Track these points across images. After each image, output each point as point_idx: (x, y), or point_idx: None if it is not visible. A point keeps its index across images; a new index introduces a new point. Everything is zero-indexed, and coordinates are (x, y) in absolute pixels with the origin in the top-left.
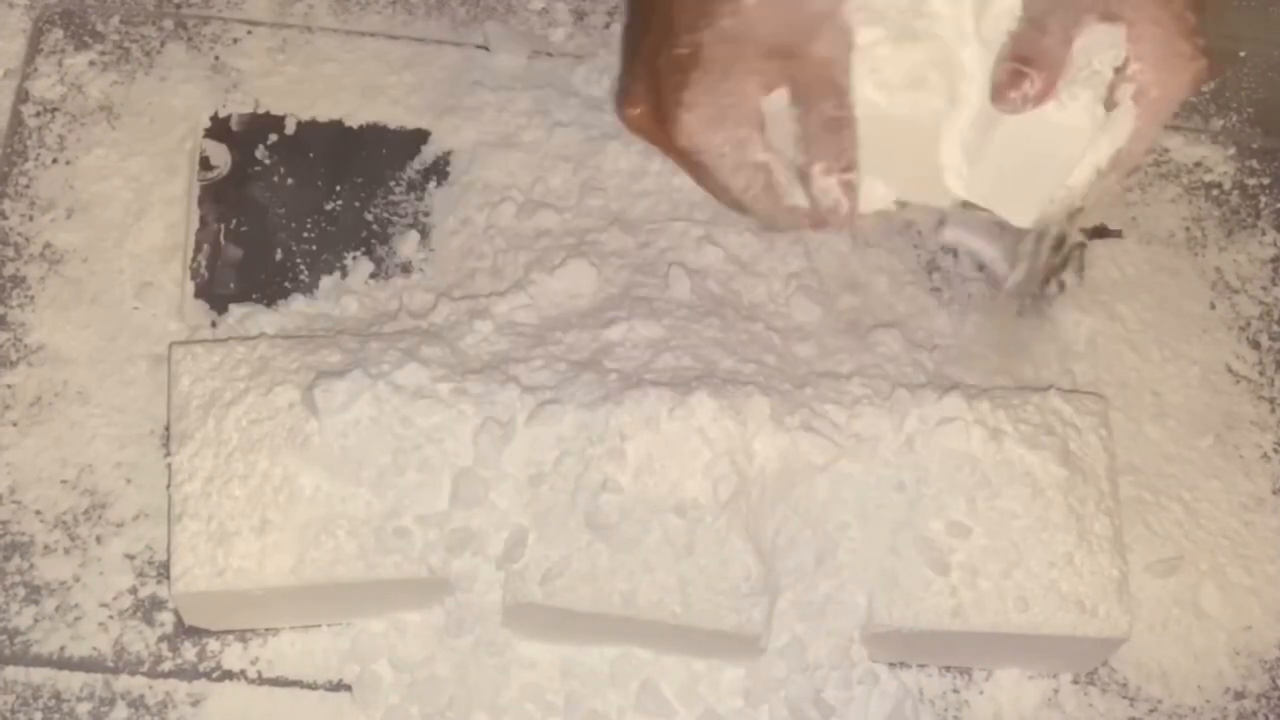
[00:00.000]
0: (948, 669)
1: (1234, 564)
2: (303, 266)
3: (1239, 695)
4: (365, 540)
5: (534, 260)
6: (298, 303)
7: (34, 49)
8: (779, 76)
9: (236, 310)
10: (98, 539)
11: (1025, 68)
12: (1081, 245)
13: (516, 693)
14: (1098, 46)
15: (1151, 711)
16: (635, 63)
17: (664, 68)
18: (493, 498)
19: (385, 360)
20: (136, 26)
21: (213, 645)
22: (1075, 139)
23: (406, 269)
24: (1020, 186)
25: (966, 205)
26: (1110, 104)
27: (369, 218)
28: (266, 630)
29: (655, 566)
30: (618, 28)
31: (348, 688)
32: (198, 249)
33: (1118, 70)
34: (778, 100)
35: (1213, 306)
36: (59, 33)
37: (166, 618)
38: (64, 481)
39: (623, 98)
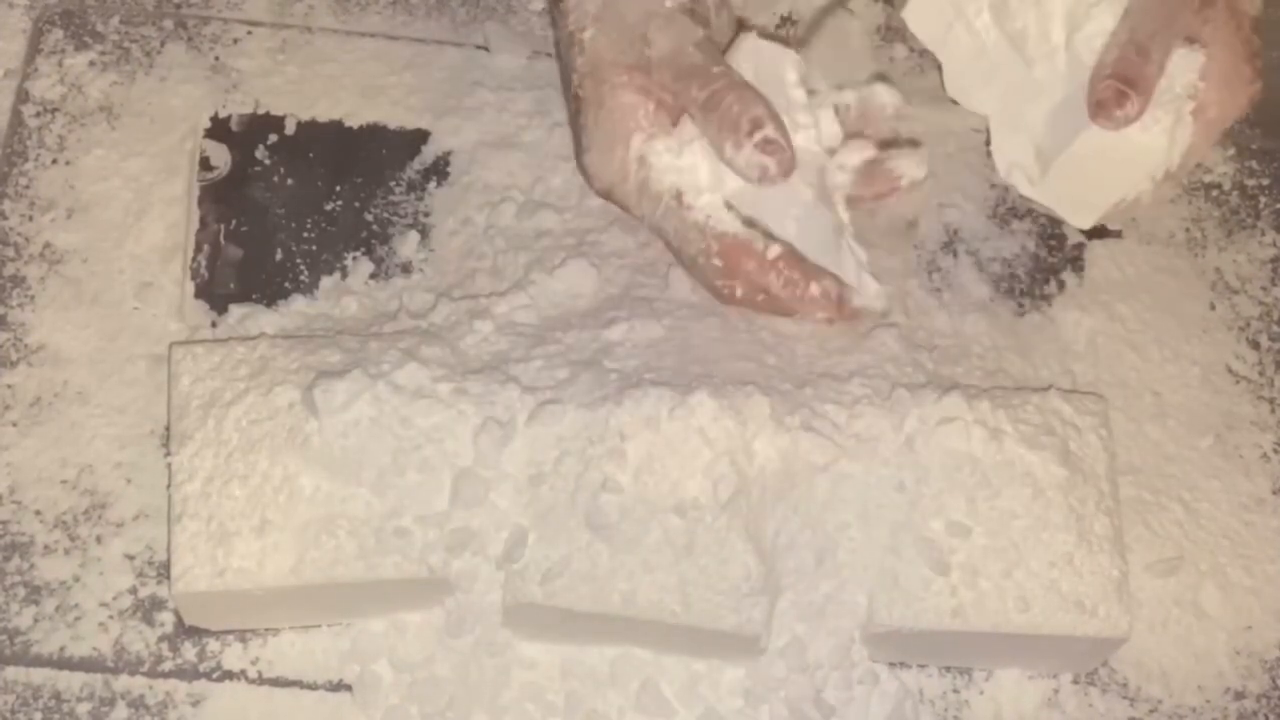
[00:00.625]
0: (948, 669)
1: (1234, 564)
2: (303, 266)
3: (1239, 695)
4: (365, 540)
5: (534, 260)
6: (298, 303)
7: (34, 49)
8: (644, 87)
9: (236, 310)
10: (98, 539)
11: (1128, 88)
12: (1080, 245)
13: (516, 693)
14: (1180, 70)
15: (1151, 711)
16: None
17: (572, 127)
18: (493, 498)
19: (385, 360)
20: (136, 26)
21: (213, 645)
22: (1151, 157)
23: (406, 269)
24: (1089, 193)
25: (1023, 199)
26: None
27: (369, 218)
28: (266, 630)
29: (655, 566)
30: None
31: (348, 688)
32: (198, 249)
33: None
34: (674, 125)
35: (1213, 306)
36: (59, 33)
37: (166, 618)
38: (64, 481)
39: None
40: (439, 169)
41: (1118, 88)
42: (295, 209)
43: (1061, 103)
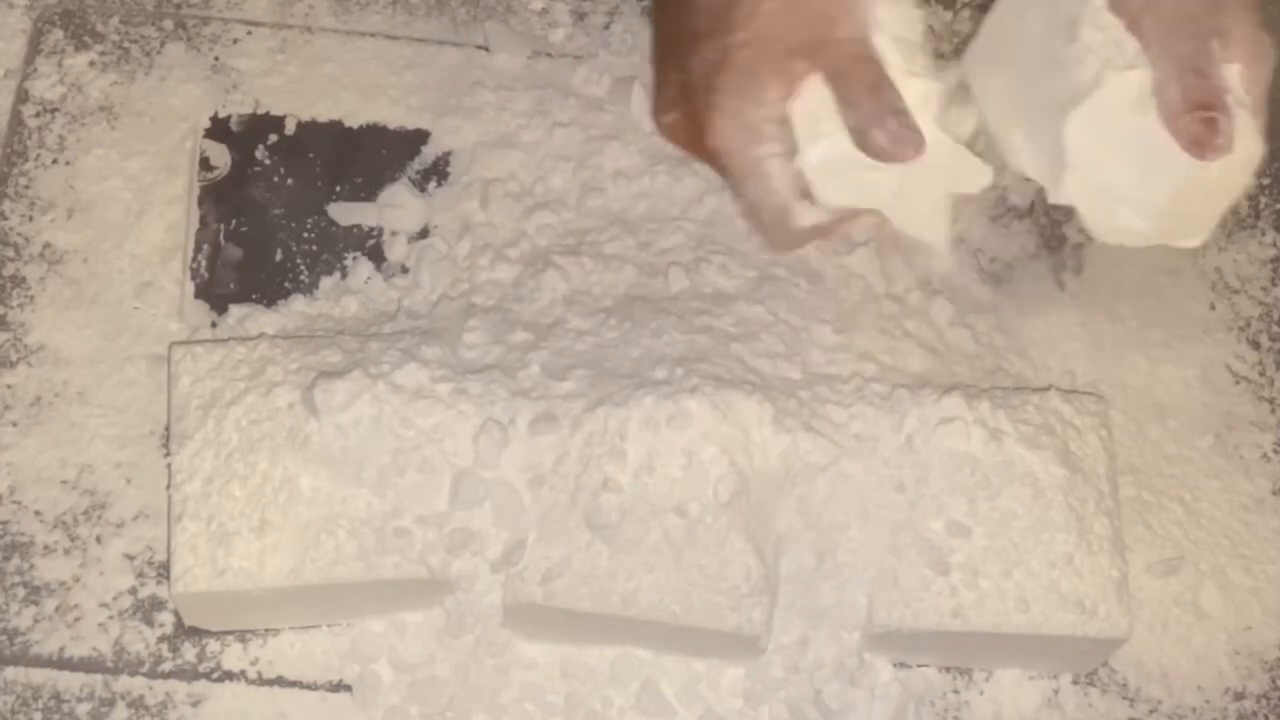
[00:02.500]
0: (948, 669)
1: (1234, 564)
2: (303, 266)
3: (1239, 695)
4: (365, 541)
5: (534, 260)
6: (298, 303)
7: (34, 49)
8: (807, 70)
9: (236, 310)
10: (98, 539)
11: (1211, 113)
12: (1080, 245)
13: (516, 693)
14: (1232, 77)
15: (1151, 712)
16: (666, 69)
17: (694, 72)
18: (492, 499)
19: (385, 360)
20: (136, 26)
21: (213, 645)
22: (1244, 155)
23: (406, 269)
24: (1199, 216)
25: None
26: None
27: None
28: (266, 630)
29: (655, 566)
30: (618, 28)
31: (348, 688)
32: (198, 249)
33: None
34: (813, 87)
35: (1213, 307)
36: (59, 33)
37: (166, 618)
38: (64, 481)
39: (657, 105)
40: (439, 169)
41: (1203, 118)
42: (295, 209)
43: (1137, 149)
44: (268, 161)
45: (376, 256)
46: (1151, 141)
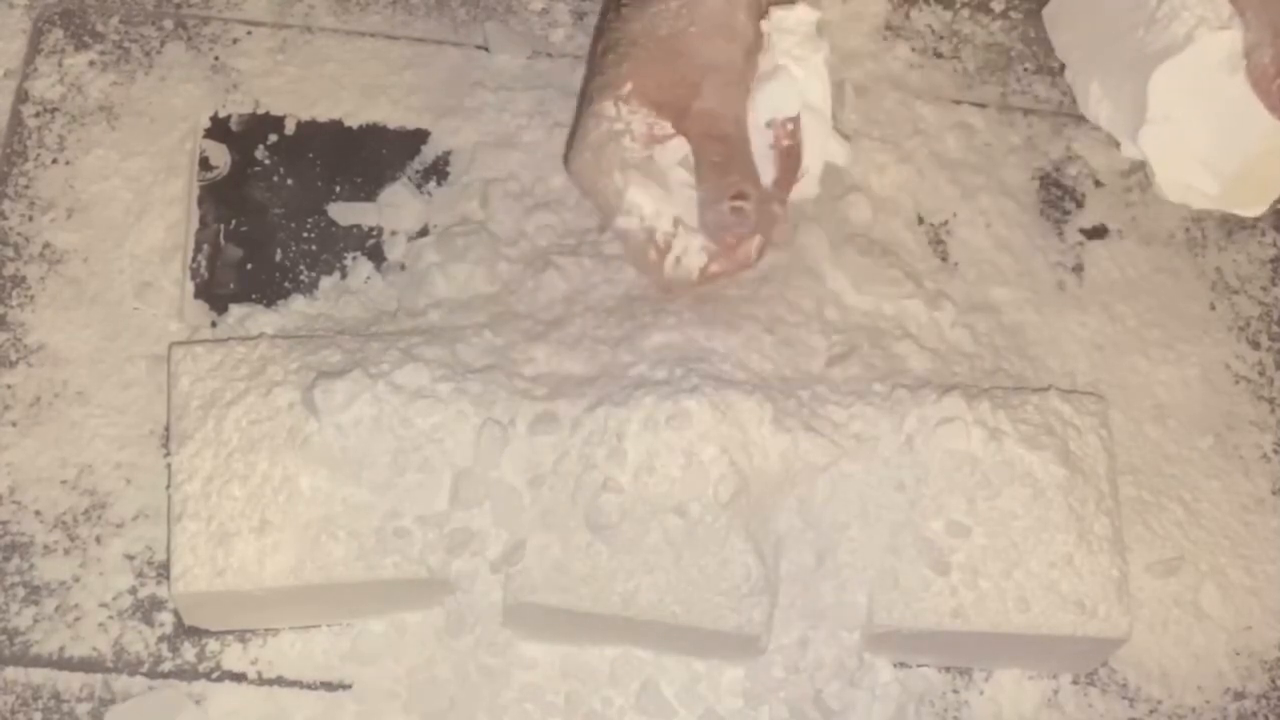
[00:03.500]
0: (948, 669)
1: (1234, 564)
2: (303, 266)
3: (1239, 695)
4: (365, 541)
5: (534, 260)
6: (298, 303)
7: (34, 49)
8: (670, 128)
9: (236, 310)
10: (98, 539)
11: None
12: (1080, 245)
13: (516, 693)
14: None
15: (1151, 712)
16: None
17: (581, 121)
18: (492, 499)
19: (385, 360)
20: (136, 26)
21: (213, 645)
22: None
23: (406, 269)
24: (1268, 185)
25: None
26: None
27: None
28: (266, 630)
29: (655, 567)
30: None
31: (348, 688)
32: (198, 249)
33: None
34: (675, 150)
35: (1213, 307)
36: (59, 33)
37: (166, 618)
38: (64, 481)
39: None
40: (439, 169)
41: None
42: (295, 209)
43: (1220, 110)
44: (268, 161)
45: (376, 256)
46: (1235, 103)
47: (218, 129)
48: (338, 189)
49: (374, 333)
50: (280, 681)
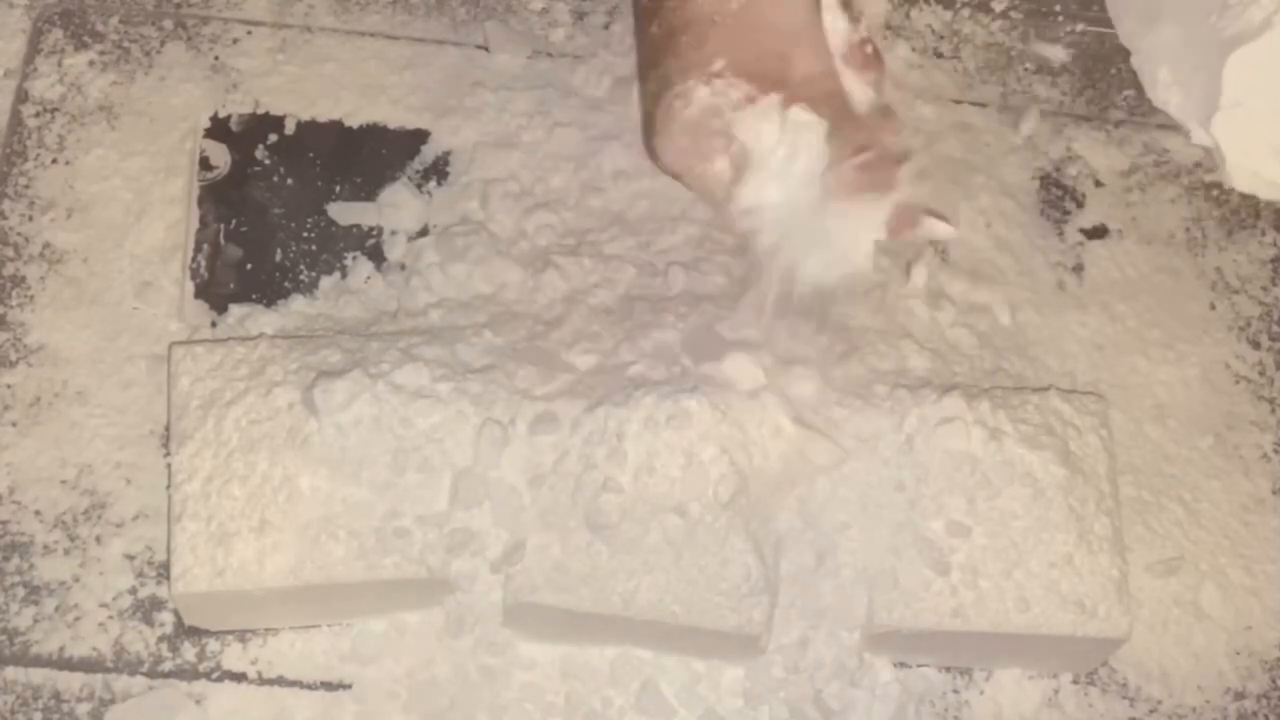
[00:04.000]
0: (948, 669)
1: (1234, 564)
2: (303, 266)
3: (1239, 695)
4: (365, 540)
5: (534, 260)
6: (298, 303)
7: (34, 49)
8: (776, 99)
9: (236, 310)
10: (97, 539)
11: None
12: (1080, 245)
13: (516, 693)
14: None
15: (1151, 712)
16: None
17: (659, 109)
18: (492, 499)
19: (385, 360)
20: (136, 26)
21: (213, 645)
22: None
23: (406, 269)
24: None
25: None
26: None
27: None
28: (266, 630)
29: (655, 567)
30: (618, 28)
31: (348, 688)
32: (198, 249)
33: None
34: (767, 107)
35: (1213, 307)
36: (59, 33)
37: (166, 618)
38: (64, 481)
39: (647, 143)
40: (439, 169)
41: None
42: (295, 209)
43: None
44: (268, 161)
45: (376, 256)
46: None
47: (218, 129)
48: (338, 189)
49: (374, 333)
50: (280, 681)
